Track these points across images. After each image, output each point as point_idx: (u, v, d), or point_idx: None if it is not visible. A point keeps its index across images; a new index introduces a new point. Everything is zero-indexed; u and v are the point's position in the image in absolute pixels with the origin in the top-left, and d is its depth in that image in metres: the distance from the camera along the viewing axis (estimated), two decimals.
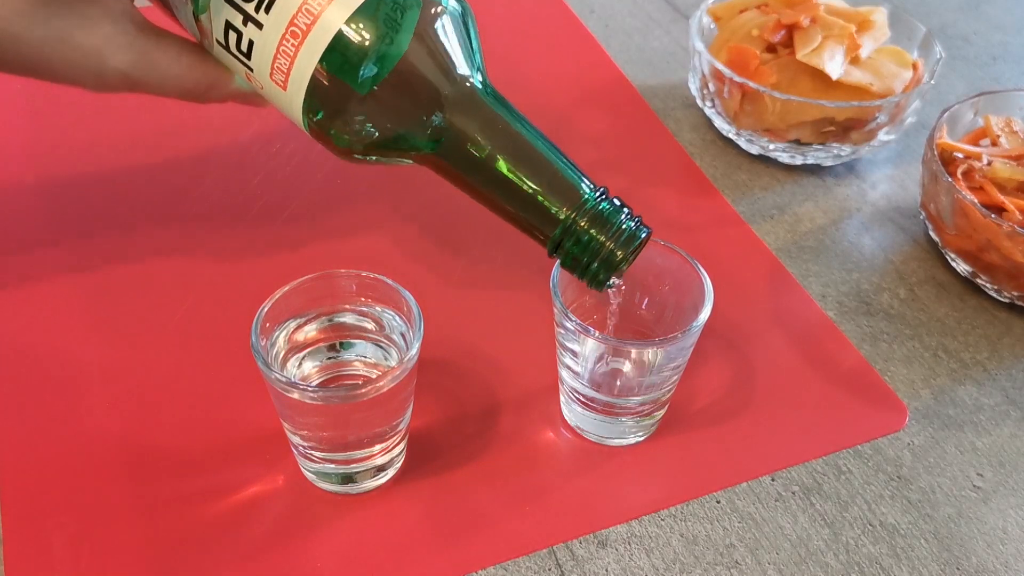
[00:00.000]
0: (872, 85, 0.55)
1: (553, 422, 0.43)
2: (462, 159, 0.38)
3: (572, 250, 0.38)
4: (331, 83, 0.37)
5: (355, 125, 0.38)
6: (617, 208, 0.38)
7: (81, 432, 0.41)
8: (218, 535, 0.38)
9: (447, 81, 0.38)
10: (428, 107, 0.38)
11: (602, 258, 0.38)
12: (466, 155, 0.38)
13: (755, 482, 0.41)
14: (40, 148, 0.55)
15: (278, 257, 0.50)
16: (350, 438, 0.37)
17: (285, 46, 0.37)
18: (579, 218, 0.37)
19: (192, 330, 0.45)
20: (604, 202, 0.38)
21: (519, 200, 0.38)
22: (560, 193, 0.38)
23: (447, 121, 0.38)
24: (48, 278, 0.47)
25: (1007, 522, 0.41)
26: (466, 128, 0.38)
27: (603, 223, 0.37)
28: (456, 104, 0.38)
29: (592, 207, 0.38)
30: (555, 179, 0.38)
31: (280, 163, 0.55)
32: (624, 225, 0.38)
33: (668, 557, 0.38)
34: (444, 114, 0.38)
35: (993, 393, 0.46)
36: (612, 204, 0.38)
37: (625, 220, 0.38)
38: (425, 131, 0.38)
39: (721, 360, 0.46)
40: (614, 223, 0.38)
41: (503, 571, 0.38)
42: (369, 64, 0.36)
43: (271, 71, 0.38)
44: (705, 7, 0.60)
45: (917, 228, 0.55)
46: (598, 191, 0.38)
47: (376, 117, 0.38)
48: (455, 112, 0.38)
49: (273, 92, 0.39)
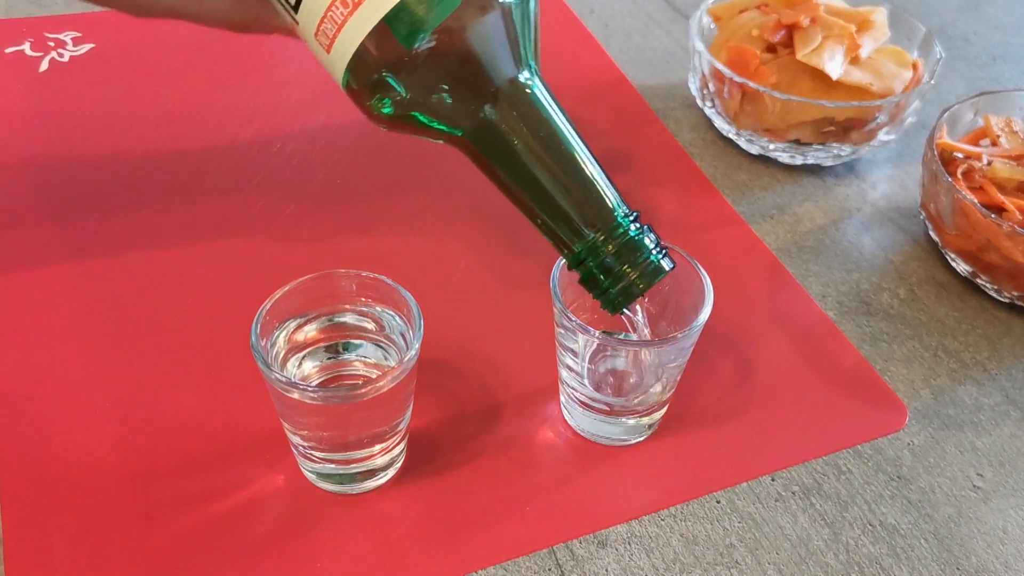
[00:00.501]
0: (872, 85, 0.55)
1: (553, 422, 0.43)
2: (500, 153, 0.37)
3: (594, 271, 0.37)
4: (378, 55, 0.35)
5: (395, 99, 0.36)
6: (646, 238, 0.37)
7: (81, 432, 0.41)
8: (218, 535, 0.38)
9: (499, 71, 0.36)
10: (476, 95, 0.36)
11: (623, 287, 0.37)
12: (504, 150, 0.37)
13: (755, 482, 0.41)
14: (39, 149, 0.55)
15: (278, 257, 0.50)
16: (350, 438, 0.37)
17: (334, 12, 0.35)
18: (608, 242, 0.36)
19: (192, 330, 0.45)
20: (635, 230, 0.37)
21: (550, 210, 0.37)
22: (593, 212, 0.37)
23: (493, 113, 0.36)
24: (47, 278, 0.47)
25: (1007, 522, 0.41)
26: (511, 124, 0.36)
27: (631, 252, 0.36)
28: (505, 97, 0.36)
29: (622, 233, 0.36)
30: (591, 197, 0.37)
31: (280, 163, 0.55)
32: (651, 258, 0.37)
33: (668, 557, 0.38)
34: (491, 106, 0.36)
35: (993, 393, 0.46)
36: (642, 233, 0.37)
37: (653, 252, 0.37)
38: (467, 118, 0.37)
39: (721, 360, 0.46)
40: (641, 253, 0.36)
41: (503, 571, 0.38)
42: (420, 41, 0.35)
43: (316, 31, 0.36)
44: (705, 7, 0.60)
45: (917, 228, 0.55)
46: (631, 215, 0.37)
47: (419, 96, 0.36)
48: (503, 106, 0.36)
49: (316, 49, 0.37)
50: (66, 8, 0.67)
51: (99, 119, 0.57)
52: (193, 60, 0.63)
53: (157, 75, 0.61)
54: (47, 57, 0.62)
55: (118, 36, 0.65)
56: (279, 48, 0.65)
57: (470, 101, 0.36)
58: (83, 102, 0.59)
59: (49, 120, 0.57)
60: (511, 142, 0.37)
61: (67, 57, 0.62)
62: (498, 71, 0.36)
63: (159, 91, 0.60)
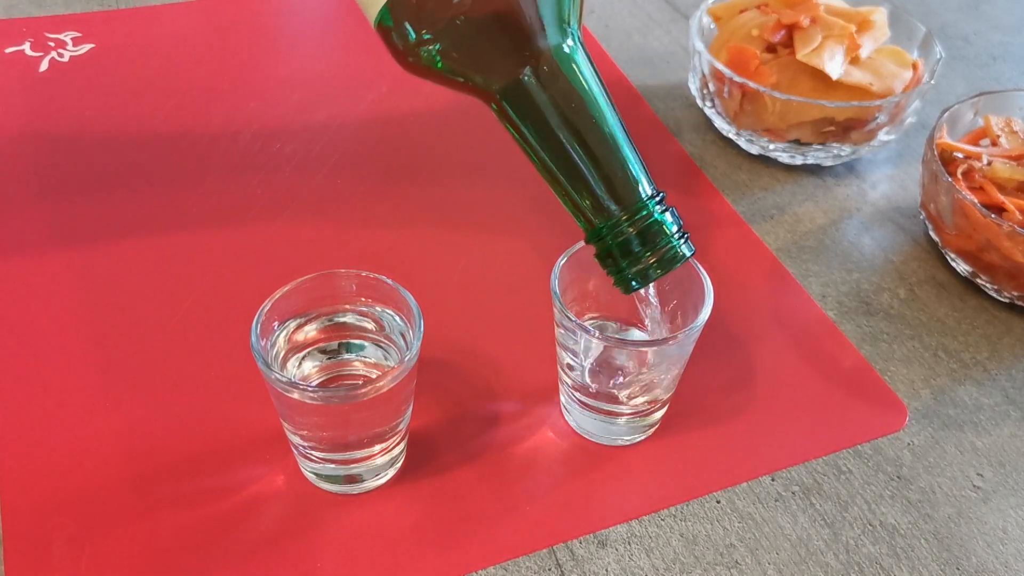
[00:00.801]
0: (872, 85, 0.55)
1: (553, 422, 0.43)
2: (532, 117, 0.36)
3: (612, 248, 0.36)
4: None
5: (431, 45, 0.35)
6: (670, 223, 0.36)
7: (81, 432, 0.41)
8: (218, 535, 0.38)
9: (546, 32, 0.35)
10: (518, 54, 0.35)
11: (640, 269, 0.36)
12: (537, 115, 0.36)
13: (755, 482, 0.41)
14: (39, 149, 0.55)
15: (278, 257, 0.50)
16: (350, 438, 0.37)
17: None
18: (630, 222, 0.35)
19: (192, 330, 0.45)
20: (659, 212, 0.36)
21: (575, 182, 0.36)
22: (620, 190, 0.36)
23: (532, 75, 0.35)
24: (47, 278, 0.47)
25: (1007, 522, 0.41)
26: (549, 89, 0.35)
27: (653, 235, 0.36)
28: (547, 61, 0.35)
29: (646, 215, 0.35)
30: (619, 174, 0.36)
31: (280, 163, 0.55)
32: (672, 243, 0.36)
33: (668, 557, 0.38)
34: (531, 68, 0.35)
35: (993, 393, 0.46)
36: (666, 217, 0.36)
37: (674, 237, 0.36)
38: (504, 76, 0.35)
39: (721, 360, 0.46)
40: (663, 238, 0.36)
41: (503, 571, 0.38)
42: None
43: None
44: (705, 7, 0.60)
45: (917, 228, 0.55)
46: (657, 196, 0.36)
47: (457, 45, 0.35)
48: (543, 70, 0.35)
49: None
50: (66, 8, 0.67)
51: (99, 119, 0.57)
52: (193, 60, 0.63)
53: (157, 75, 0.61)
54: (47, 57, 0.62)
55: (118, 36, 0.65)
56: (279, 48, 0.65)
57: (510, 59, 0.35)
58: (83, 102, 0.59)
59: (49, 120, 0.57)
60: (546, 108, 0.35)
61: (67, 57, 0.62)
62: (544, 32, 0.35)
63: (159, 91, 0.60)
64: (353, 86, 0.62)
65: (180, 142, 0.56)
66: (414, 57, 0.36)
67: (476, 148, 0.58)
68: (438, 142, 0.58)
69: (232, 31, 0.66)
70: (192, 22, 0.67)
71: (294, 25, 0.69)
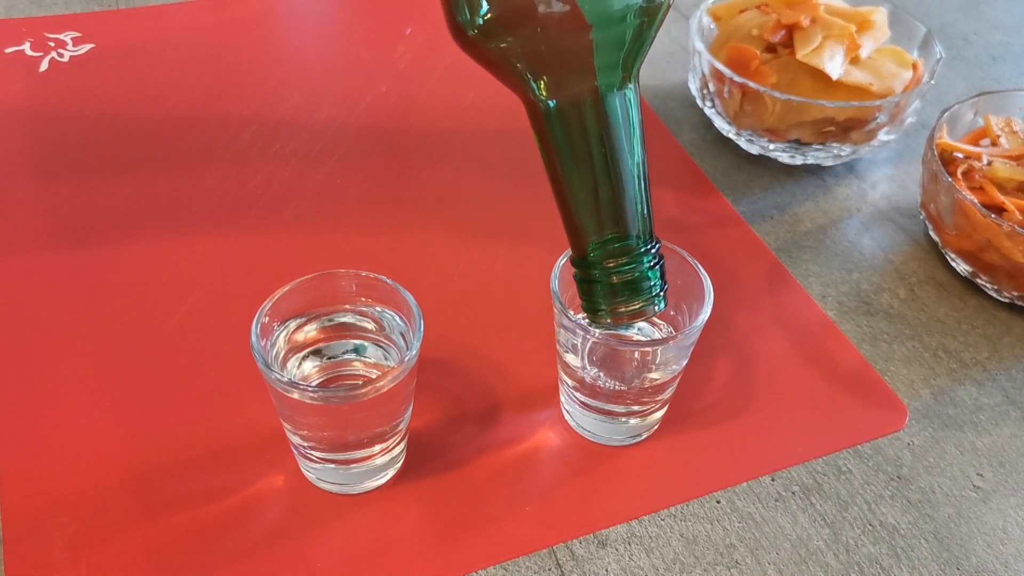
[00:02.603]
0: (872, 85, 0.55)
1: (553, 422, 0.43)
2: (567, 140, 0.36)
3: (595, 281, 0.37)
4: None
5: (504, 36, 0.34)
6: (658, 277, 0.37)
7: (81, 432, 0.41)
8: (218, 535, 0.38)
9: (618, 67, 0.35)
10: (581, 78, 0.35)
11: (613, 310, 0.37)
12: (574, 140, 0.36)
13: (755, 482, 0.41)
14: (39, 149, 0.55)
15: (278, 257, 0.50)
16: (350, 438, 0.37)
17: None
18: (618, 269, 0.36)
19: (192, 330, 0.45)
20: (651, 269, 0.37)
21: (586, 208, 0.36)
22: (625, 230, 0.36)
23: (588, 105, 0.35)
24: (47, 278, 0.47)
25: (1007, 522, 0.41)
26: (594, 119, 0.35)
27: (636, 288, 0.37)
28: (603, 97, 0.35)
29: (634, 268, 0.36)
30: (629, 217, 0.36)
31: (280, 163, 0.55)
32: (652, 299, 0.37)
33: (668, 557, 0.38)
34: (590, 97, 0.35)
35: (993, 393, 0.46)
36: (655, 273, 0.37)
37: (656, 294, 0.37)
38: (559, 93, 0.35)
39: (721, 360, 0.46)
40: (645, 292, 0.37)
41: (503, 571, 0.38)
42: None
43: None
44: (705, 7, 0.60)
45: (917, 228, 0.55)
46: (653, 247, 0.37)
47: (528, 45, 0.34)
48: (598, 103, 0.35)
49: None
50: (66, 8, 0.67)
51: (99, 119, 0.57)
52: (193, 60, 0.63)
53: (157, 75, 0.61)
54: (47, 57, 0.62)
55: (118, 36, 0.65)
56: (279, 48, 0.65)
57: (573, 81, 0.35)
58: (83, 102, 0.59)
59: (49, 120, 0.57)
60: (583, 137, 0.36)
61: (67, 57, 0.62)
62: (613, 70, 0.35)
63: (159, 91, 0.60)
64: (353, 86, 0.62)
65: (180, 142, 0.56)
66: (475, 38, 0.35)
67: (476, 148, 0.58)
68: (438, 142, 0.58)
69: (232, 31, 0.66)
70: (192, 22, 0.67)
71: (294, 25, 0.69)
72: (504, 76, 0.36)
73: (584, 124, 0.35)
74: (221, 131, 0.57)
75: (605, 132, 0.35)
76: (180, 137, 0.57)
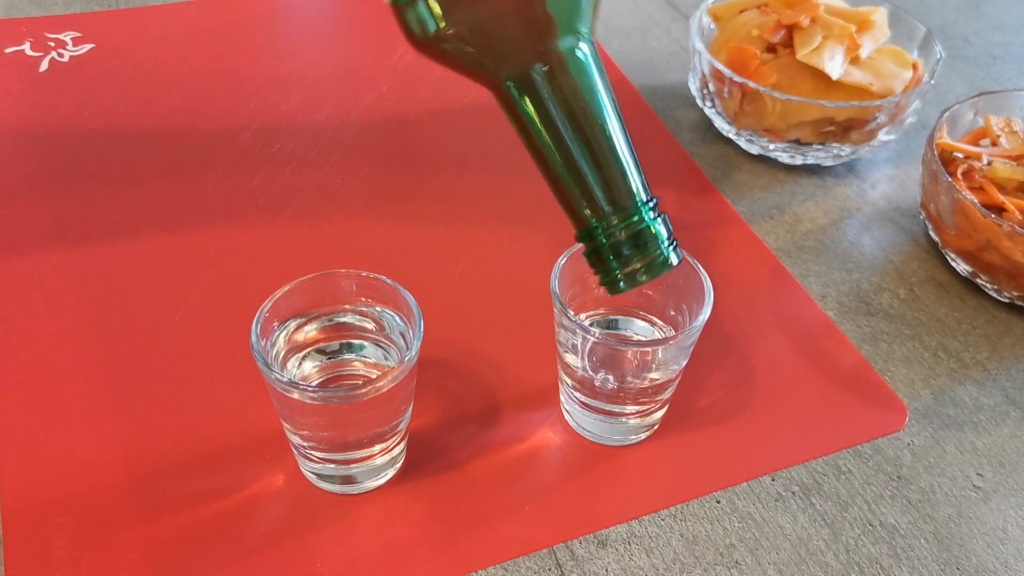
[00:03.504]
0: (872, 85, 0.55)
1: (553, 422, 0.43)
2: (535, 110, 0.35)
3: (602, 248, 0.36)
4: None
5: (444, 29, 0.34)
6: (661, 230, 0.36)
7: (81, 432, 0.41)
8: (218, 535, 0.38)
9: (559, 28, 0.35)
10: (529, 45, 0.35)
11: (628, 271, 0.36)
12: (540, 109, 0.35)
13: (755, 482, 0.41)
14: (39, 149, 0.55)
15: (278, 257, 0.50)
16: (350, 438, 0.37)
17: None
18: (622, 226, 0.35)
19: (192, 330, 0.45)
20: (651, 219, 0.36)
21: (573, 180, 0.36)
22: (616, 193, 0.35)
23: (541, 68, 0.35)
24: (47, 277, 0.47)
25: (1007, 522, 0.41)
26: (555, 84, 0.35)
27: (643, 241, 0.36)
28: (556, 56, 0.35)
29: (638, 220, 0.35)
30: (617, 177, 0.36)
31: (280, 163, 0.55)
32: (662, 250, 0.36)
33: (668, 557, 0.38)
34: (541, 61, 0.35)
35: (993, 393, 0.46)
36: (658, 223, 0.36)
37: (664, 245, 0.36)
38: (513, 66, 0.35)
39: (721, 360, 0.46)
40: (654, 244, 0.36)
41: (503, 571, 0.38)
42: None
43: None
44: (705, 7, 0.60)
45: (917, 228, 0.55)
46: (652, 202, 0.36)
47: (469, 31, 0.34)
48: (553, 63, 0.35)
49: None
50: (66, 8, 0.67)
51: (99, 119, 0.57)
52: (193, 60, 0.63)
53: (157, 75, 0.61)
54: (47, 57, 0.62)
55: (118, 36, 0.65)
56: (279, 48, 0.65)
57: (523, 52, 0.35)
58: (83, 102, 0.59)
59: (49, 120, 0.57)
60: (551, 105, 0.35)
61: (67, 57, 0.62)
62: (558, 31, 0.35)
63: (159, 91, 0.60)
64: (353, 86, 0.62)
65: (180, 142, 0.56)
66: (425, 37, 0.35)
67: (476, 148, 0.58)
68: (438, 142, 0.58)
69: (232, 31, 0.66)
70: (192, 22, 0.67)
71: (294, 25, 0.69)
72: (468, 71, 0.36)
73: (555, 91, 0.35)
74: (221, 131, 0.57)
75: (572, 96, 0.35)
76: (180, 137, 0.57)
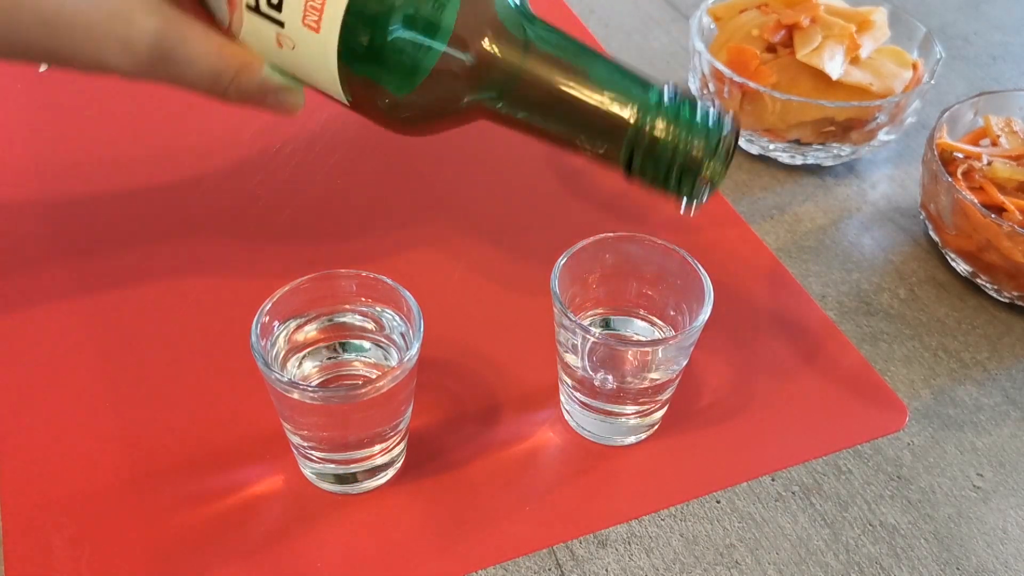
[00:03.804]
0: (872, 85, 0.55)
1: (553, 422, 0.43)
2: (516, 110, 0.36)
3: (646, 160, 0.34)
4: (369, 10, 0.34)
5: (397, 67, 0.35)
6: (697, 108, 0.33)
7: (81, 432, 0.41)
8: (218, 535, 0.38)
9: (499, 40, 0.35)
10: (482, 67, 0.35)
11: (687, 160, 0.33)
12: (521, 108, 0.36)
13: (755, 482, 0.41)
14: (39, 150, 0.55)
15: (278, 257, 0.50)
16: (350, 438, 0.37)
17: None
18: (646, 120, 0.33)
19: (192, 329, 0.45)
20: (672, 98, 0.34)
21: (581, 129, 0.35)
22: (620, 98, 0.34)
23: (503, 79, 0.35)
24: (47, 278, 0.47)
25: (1007, 522, 0.41)
26: (523, 86, 0.35)
27: (688, 128, 0.33)
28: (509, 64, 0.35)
29: (657, 103, 0.33)
30: (624, 74, 0.35)
31: (280, 163, 0.55)
32: (705, 126, 0.33)
33: (668, 557, 0.38)
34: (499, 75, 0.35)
35: (993, 393, 0.46)
36: (682, 99, 0.34)
37: (700, 114, 0.33)
38: (481, 89, 0.35)
39: (721, 360, 0.46)
40: (696, 125, 0.33)
41: (503, 571, 0.38)
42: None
43: (303, 15, 0.35)
44: (705, 7, 0.60)
45: (917, 228, 0.55)
46: (663, 87, 0.34)
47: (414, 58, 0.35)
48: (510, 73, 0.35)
49: (305, 46, 0.36)
50: None
51: (99, 119, 0.57)
52: None
53: None
54: None
55: None
56: None
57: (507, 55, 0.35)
58: (83, 102, 0.59)
59: (49, 120, 0.57)
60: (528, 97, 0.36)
61: None
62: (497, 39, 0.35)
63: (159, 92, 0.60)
64: None
65: (180, 142, 0.56)
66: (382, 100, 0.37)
67: (476, 148, 0.58)
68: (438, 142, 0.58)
69: None
70: None
71: None
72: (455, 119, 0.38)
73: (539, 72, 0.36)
74: (221, 131, 0.57)
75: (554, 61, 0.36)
76: (180, 137, 0.57)
